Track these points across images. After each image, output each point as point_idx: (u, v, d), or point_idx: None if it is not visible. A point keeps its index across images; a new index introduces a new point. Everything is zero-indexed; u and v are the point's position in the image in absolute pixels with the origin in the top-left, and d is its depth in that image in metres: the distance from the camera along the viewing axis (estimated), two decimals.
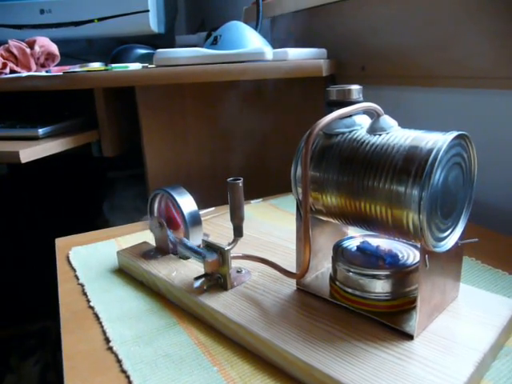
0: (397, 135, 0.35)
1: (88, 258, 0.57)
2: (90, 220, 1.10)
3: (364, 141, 0.36)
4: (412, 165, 0.32)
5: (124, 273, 0.53)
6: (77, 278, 0.53)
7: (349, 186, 0.36)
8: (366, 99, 0.91)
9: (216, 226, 0.62)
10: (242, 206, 0.44)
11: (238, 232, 0.44)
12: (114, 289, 0.49)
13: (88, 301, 0.48)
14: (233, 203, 0.43)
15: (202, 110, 0.83)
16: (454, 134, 0.33)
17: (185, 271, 0.48)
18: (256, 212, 0.71)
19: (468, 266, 0.50)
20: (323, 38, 1.01)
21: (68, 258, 0.58)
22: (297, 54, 0.80)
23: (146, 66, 0.80)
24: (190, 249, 0.44)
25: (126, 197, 1.12)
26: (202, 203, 0.78)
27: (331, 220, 0.40)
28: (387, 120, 0.36)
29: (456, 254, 0.38)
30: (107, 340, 0.41)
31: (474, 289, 0.42)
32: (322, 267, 0.46)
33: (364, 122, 0.39)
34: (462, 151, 0.34)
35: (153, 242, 0.56)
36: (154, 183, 0.82)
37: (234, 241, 0.45)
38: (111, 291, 0.49)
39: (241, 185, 0.43)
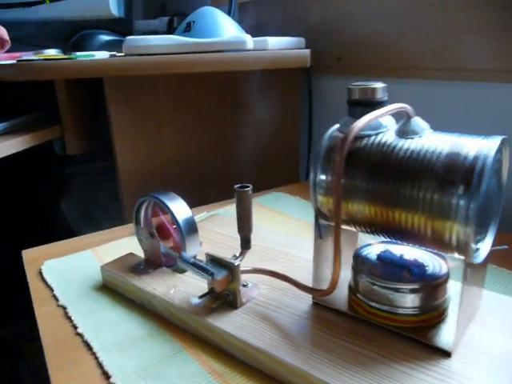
0: (431, 140, 0.32)
1: (64, 274, 0.51)
2: (52, 225, 1.01)
3: (395, 145, 0.33)
4: (456, 174, 0.29)
5: (110, 290, 0.47)
6: (55, 298, 0.47)
7: (381, 194, 0.33)
8: (339, 92, 0.89)
9: (207, 231, 0.57)
10: (251, 215, 0.39)
11: (246, 244, 0.40)
12: (102, 310, 0.44)
13: (74, 326, 0.42)
14: (241, 213, 0.39)
15: (176, 103, 0.77)
16: (498, 139, 0.30)
17: (184, 287, 0.43)
18: None
19: None
20: (296, 26, 0.97)
21: (41, 273, 0.52)
22: (276, 44, 0.76)
23: (114, 55, 0.73)
24: (195, 265, 0.39)
25: (91, 197, 1.04)
26: None
27: (352, 229, 0.37)
28: (419, 122, 0.33)
29: (485, 261, 0.36)
30: (106, 375, 0.36)
31: (494, 294, 0.41)
32: (330, 275, 0.43)
33: (390, 123, 0.36)
34: (500, 156, 0.32)
35: (139, 253, 0.51)
36: (127, 182, 0.75)
37: (242, 254, 0.41)
38: (99, 313, 0.43)
39: (250, 192, 0.39)
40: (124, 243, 0.58)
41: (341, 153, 0.32)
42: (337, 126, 0.38)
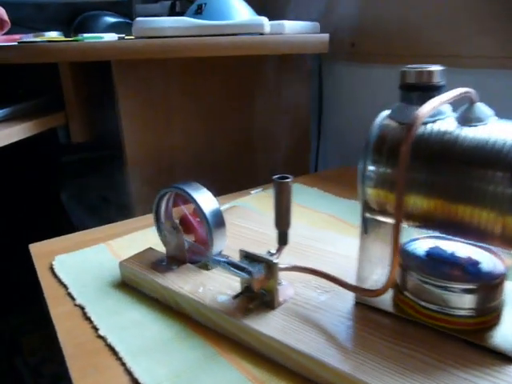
0: (498, 127, 0.30)
1: (78, 270, 0.48)
2: (56, 217, 0.97)
3: (458, 133, 0.30)
4: None
5: (130, 288, 0.44)
6: (71, 297, 0.43)
7: (443, 187, 0.30)
8: (352, 80, 0.86)
9: (229, 225, 0.54)
10: (290, 209, 0.37)
11: (284, 239, 0.38)
12: (124, 310, 0.41)
13: (95, 328, 0.39)
14: (280, 206, 0.36)
15: (186, 89, 0.73)
16: None
17: (213, 286, 0.40)
18: (260, 204, 0.64)
19: None
20: (308, 9, 0.93)
21: (52, 269, 0.48)
22: (293, 28, 0.72)
23: (123, 38, 0.69)
24: (230, 263, 0.36)
25: (94, 187, 1.00)
26: None
27: (404, 224, 0.34)
28: (483, 108, 0.31)
29: None
30: (135, 382, 0.33)
31: None
32: (375, 274, 0.40)
33: (447, 109, 0.33)
34: None
35: (156, 247, 0.48)
36: (135, 173, 0.72)
37: (279, 250, 0.38)
38: (121, 314, 0.40)
39: (291, 184, 0.36)
40: (139, 236, 0.55)
41: (407, 142, 0.29)
42: (386, 113, 0.35)
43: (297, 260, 0.41)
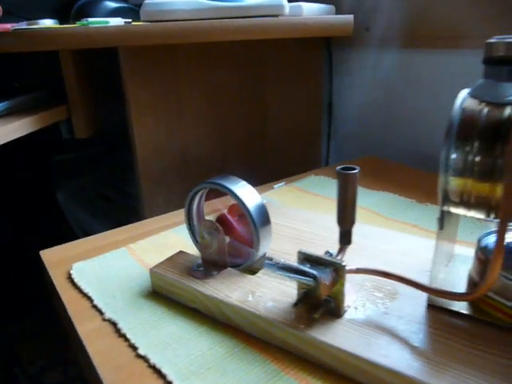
0: None
1: (101, 279, 0.43)
2: (52, 219, 0.91)
3: None
4: None
5: (162, 298, 0.39)
6: (98, 310, 0.38)
7: None
8: (366, 67, 0.82)
9: None
10: (356, 204, 0.32)
11: (347, 238, 0.33)
12: (161, 324, 0.36)
13: (133, 347, 0.34)
14: (344, 201, 0.32)
15: (198, 78, 0.68)
16: None
17: (263, 292, 0.36)
18: (285, 199, 0.60)
19: None
20: None
21: (71, 279, 0.43)
22: (310, 10, 0.68)
23: (129, 22, 0.64)
24: (290, 268, 0.31)
25: (97, 186, 0.94)
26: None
27: (480, 215, 0.30)
28: None
29: None
30: None
31: None
32: (442, 272, 0.36)
33: None
34: None
35: (190, 251, 0.43)
36: (145, 170, 0.67)
37: (341, 250, 0.34)
38: (159, 328, 0.35)
39: (357, 176, 0.31)
40: (160, 239, 0.50)
41: None
42: (464, 92, 0.31)
43: (348, 260, 0.36)
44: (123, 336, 0.35)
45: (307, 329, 0.31)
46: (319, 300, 0.32)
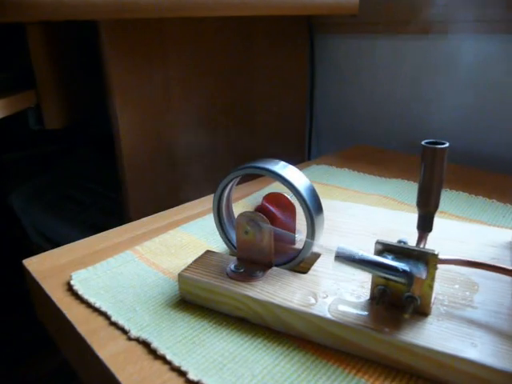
0: None
1: (111, 289, 0.35)
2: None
3: None
4: None
5: (196, 308, 0.33)
6: (118, 328, 0.31)
7: None
8: (352, 55, 0.79)
9: None
10: (442, 184, 0.28)
11: (429, 224, 0.29)
12: (206, 340, 0.30)
13: (179, 371, 0.27)
14: (430, 180, 0.27)
15: (187, 59, 0.61)
16: None
17: (327, 293, 0.30)
18: None
19: None
20: None
21: (73, 291, 0.35)
22: None
23: None
24: (377, 264, 0.26)
25: (69, 184, 0.84)
26: (196, 188, 0.59)
27: None
28: None
29: None
30: None
31: None
32: None
33: None
34: None
35: (219, 249, 0.37)
36: (131, 163, 0.59)
37: (422, 238, 0.29)
38: (204, 345, 0.29)
39: (446, 151, 0.27)
40: (170, 238, 0.43)
41: None
42: None
43: None
44: (162, 358, 0.28)
45: (395, 332, 0.26)
46: (400, 297, 0.28)
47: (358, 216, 0.42)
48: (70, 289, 0.36)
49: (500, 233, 0.38)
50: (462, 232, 0.38)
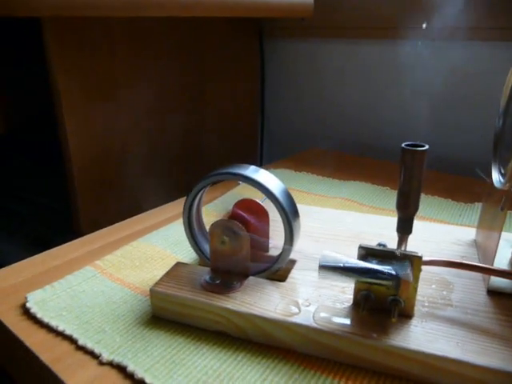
0: None
1: (74, 309, 0.32)
2: None
3: None
4: None
5: (170, 324, 0.31)
6: (87, 352, 0.28)
7: None
8: (302, 59, 0.80)
9: None
10: (421, 188, 0.28)
11: (409, 227, 0.29)
12: (186, 358, 0.28)
13: None
14: (409, 183, 0.28)
15: (134, 57, 0.59)
16: None
17: (309, 301, 0.30)
18: (260, 195, 0.54)
19: None
20: None
21: (30, 314, 0.32)
22: None
23: None
24: (363, 270, 0.26)
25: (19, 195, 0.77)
26: (151, 195, 0.56)
27: None
28: None
29: None
30: None
31: None
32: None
33: None
34: None
35: (187, 260, 0.35)
36: (81, 170, 0.55)
37: (402, 241, 0.29)
38: (185, 364, 0.27)
39: (426, 154, 0.27)
40: (132, 250, 0.41)
41: None
42: None
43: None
44: (140, 382, 0.26)
45: (383, 337, 0.26)
46: (384, 301, 0.28)
47: (327, 220, 0.42)
48: (26, 312, 0.32)
49: (463, 231, 0.40)
50: (428, 232, 0.39)
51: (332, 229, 0.40)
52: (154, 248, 0.41)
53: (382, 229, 0.39)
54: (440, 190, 0.54)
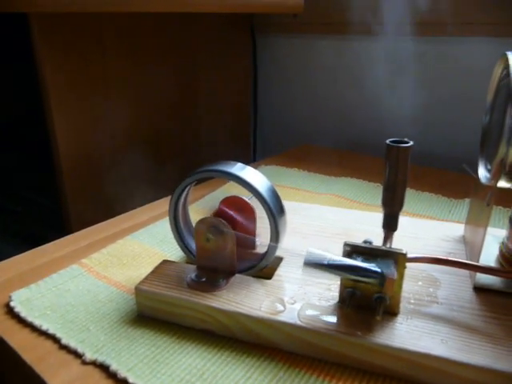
0: None
1: (59, 308, 0.32)
2: None
3: None
4: None
5: (155, 322, 0.31)
6: (71, 351, 0.28)
7: None
8: (294, 56, 0.80)
9: None
10: (406, 184, 0.28)
11: (394, 223, 0.29)
12: (171, 357, 0.28)
13: None
14: (394, 180, 0.27)
15: (125, 54, 0.58)
16: None
17: (294, 299, 0.30)
18: (247, 193, 0.53)
19: None
20: None
21: (14, 313, 0.32)
22: None
23: None
24: (348, 268, 0.26)
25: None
26: (141, 192, 0.56)
27: None
28: None
29: None
30: None
31: None
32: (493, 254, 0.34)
33: None
34: None
35: (175, 257, 0.35)
36: (70, 168, 0.54)
37: (388, 237, 0.29)
38: (169, 363, 0.27)
39: (410, 150, 0.27)
40: (119, 248, 0.40)
41: None
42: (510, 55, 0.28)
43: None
44: (123, 381, 0.26)
45: (368, 334, 0.26)
46: (369, 298, 0.27)
47: (315, 217, 0.42)
48: (10, 311, 0.32)
49: (451, 227, 0.39)
50: (417, 228, 0.39)
51: (320, 226, 0.40)
52: (142, 245, 0.41)
53: (370, 225, 0.39)
54: (431, 186, 0.54)
